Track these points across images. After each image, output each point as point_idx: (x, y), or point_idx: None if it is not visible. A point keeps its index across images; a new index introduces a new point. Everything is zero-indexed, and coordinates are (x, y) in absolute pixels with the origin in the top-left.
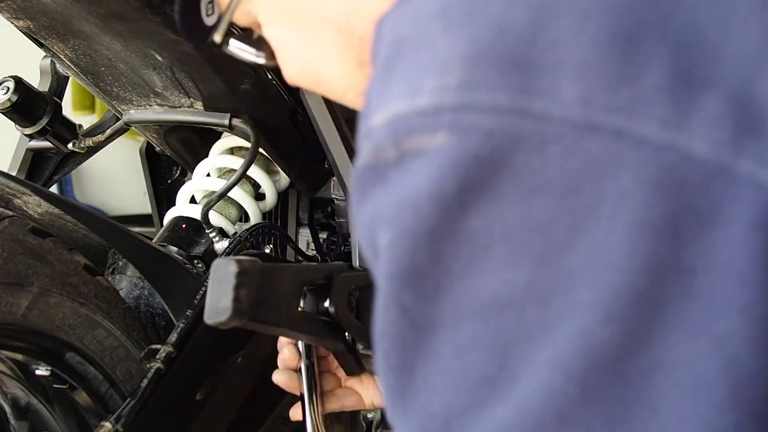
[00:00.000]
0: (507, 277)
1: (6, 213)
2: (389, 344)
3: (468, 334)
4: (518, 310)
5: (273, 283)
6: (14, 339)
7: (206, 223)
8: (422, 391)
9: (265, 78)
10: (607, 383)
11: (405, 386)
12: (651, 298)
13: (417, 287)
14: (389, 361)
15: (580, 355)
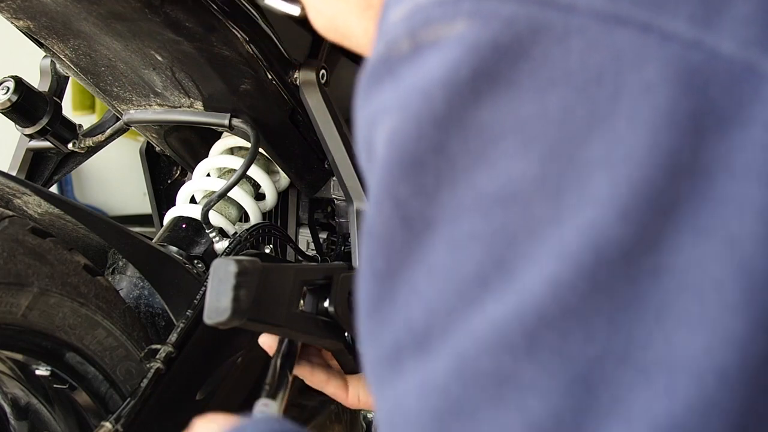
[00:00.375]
0: (516, 171)
1: (6, 213)
2: (376, 245)
3: (465, 230)
4: (525, 203)
5: (273, 283)
6: (14, 339)
7: (206, 223)
8: (404, 298)
9: (265, 78)
10: (615, 282)
11: (385, 294)
12: (667, 196)
13: (416, 179)
14: (373, 266)
15: (590, 248)
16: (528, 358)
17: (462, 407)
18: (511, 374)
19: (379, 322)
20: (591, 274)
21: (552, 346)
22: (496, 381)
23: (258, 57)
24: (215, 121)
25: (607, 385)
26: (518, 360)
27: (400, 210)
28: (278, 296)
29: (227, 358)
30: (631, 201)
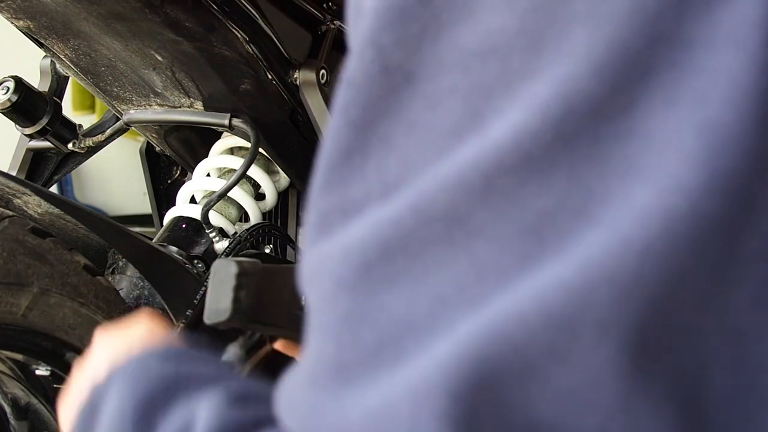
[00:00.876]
0: (496, 24)
1: (6, 213)
2: (354, 94)
3: (444, 85)
4: (503, 57)
5: (273, 284)
6: (14, 339)
7: (206, 223)
8: (379, 150)
9: (265, 78)
10: (581, 137)
11: (359, 144)
12: (644, 61)
13: (400, 28)
14: (347, 115)
15: (560, 100)
16: (481, 203)
17: (410, 242)
18: (464, 216)
19: (347, 172)
20: (556, 125)
21: (507, 192)
22: (447, 221)
23: (258, 57)
24: (215, 121)
25: (556, 235)
26: (472, 203)
27: (381, 59)
28: (279, 297)
29: None
30: (607, 58)
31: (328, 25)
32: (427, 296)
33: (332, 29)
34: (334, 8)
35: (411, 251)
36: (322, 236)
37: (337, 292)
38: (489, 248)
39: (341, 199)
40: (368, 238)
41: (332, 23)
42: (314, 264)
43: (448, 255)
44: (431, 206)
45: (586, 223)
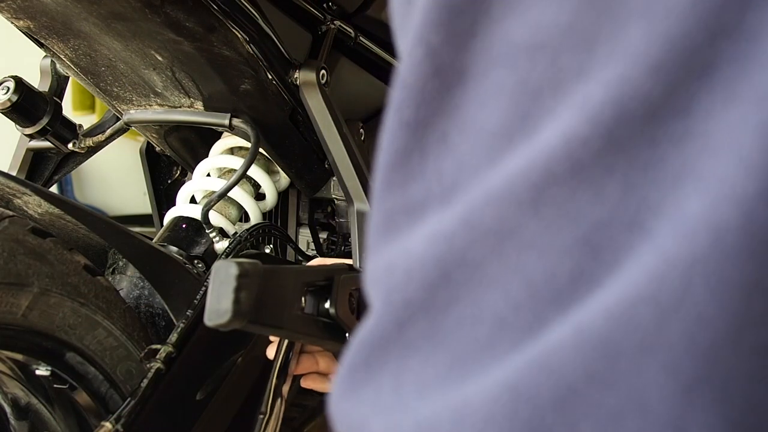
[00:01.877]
0: (547, 19)
1: (6, 213)
2: (407, 94)
3: (494, 83)
4: (553, 54)
5: (274, 285)
6: (14, 339)
7: (206, 223)
8: (435, 150)
9: (265, 78)
10: (635, 142)
11: (416, 144)
12: (704, 57)
13: (450, 26)
14: (402, 116)
15: (613, 102)
16: (532, 215)
17: (465, 257)
18: (514, 229)
19: (406, 173)
20: (608, 130)
21: (558, 204)
22: (498, 235)
23: (258, 57)
24: (215, 121)
25: (611, 249)
26: (522, 215)
27: (432, 58)
28: (279, 298)
29: (227, 358)
30: (665, 57)
31: (328, 25)
32: (487, 317)
33: (332, 29)
34: (334, 8)
35: (467, 268)
36: (388, 237)
37: (410, 312)
38: (541, 264)
39: (404, 199)
40: (426, 254)
41: (332, 23)
42: (379, 273)
43: (502, 271)
44: (481, 220)
45: (641, 238)
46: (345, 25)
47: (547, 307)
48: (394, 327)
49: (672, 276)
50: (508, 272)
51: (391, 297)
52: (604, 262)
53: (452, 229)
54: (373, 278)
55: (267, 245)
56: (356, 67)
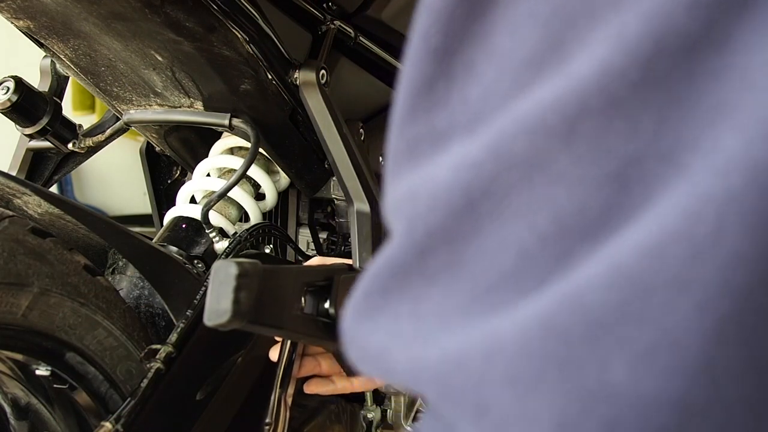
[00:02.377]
0: None
1: (6, 213)
2: (434, 20)
3: (526, 9)
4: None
5: (273, 285)
6: (14, 339)
7: (206, 223)
8: (462, 77)
9: (265, 78)
10: (672, 76)
11: (442, 72)
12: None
13: None
14: (428, 42)
15: (650, 35)
16: (564, 147)
17: (492, 186)
18: (545, 160)
19: (430, 101)
20: (646, 63)
21: (591, 137)
22: (528, 165)
23: (258, 57)
24: (215, 121)
25: (642, 184)
26: (554, 146)
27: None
28: (279, 298)
29: (227, 358)
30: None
31: (328, 25)
32: (511, 248)
33: (332, 29)
34: (334, 8)
35: (493, 198)
36: (410, 164)
37: (432, 241)
38: (571, 197)
39: (427, 127)
40: (452, 182)
41: (332, 23)
42: (401, 199)
43: (529, 202)
44: (511, 149)
45: (674, 173)
46: (345, 25)
47: (576, 240)
48: (415, 255)
49: (707, 212)
50: (535, 204)
51: (413, 225)
52: (636, 198)
53: (480, 157)
54: (393, 206)
55: (267, 245)
56: (356, 67)
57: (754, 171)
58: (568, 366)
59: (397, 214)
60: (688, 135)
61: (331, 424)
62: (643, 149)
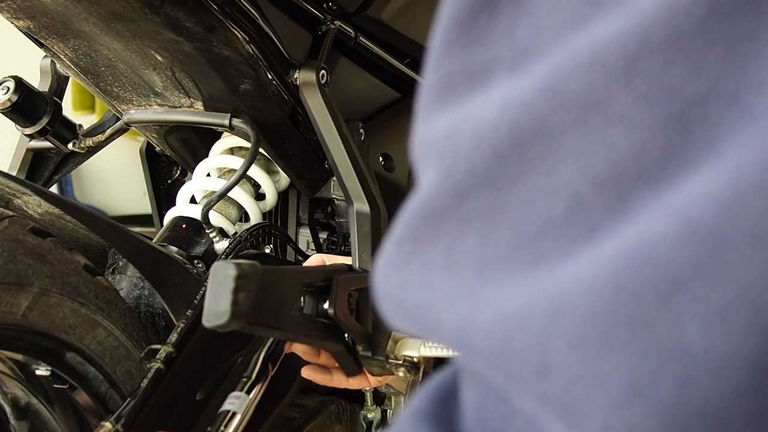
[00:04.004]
0: None
1: (6, 213)
2: None
3: None
4: None
5: (272, 286)
6: (14, 339)
7: (206, 223)
8: (507, 11)
9: (265, 78)
10: (738, 10)
11: (484, 5)
12: None
13: None
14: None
15: None
16: (623, 86)
17: (544, 126)
18: (602, 100)
19: (471, 35)
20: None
21: (653, 75)
22: (584, 104)
23: (258, 57)
24: (215, 121)
25: (706, 127)
26: (612, 85)
27: None
28: (278, 299)
29: (227, 358)
30: None
31: (328, 25)
32: (563, 192)
33: (332, 29)
34: (334, 8)
35: (545, 138)
36: (446, 102)
37: (473, 182)
38: (629, 139)
39: (466, 61)
40: (499, 121)
41: (332, 23)
42: (438, 138)
43: (583, 144)
44: (566, 87)
45: (740, 116)
46: (345, 25)
47: (634, 186)
48: (453, 197)
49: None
50: (590, 145)
51: (453, 164)
52: (700, 142)
53: (531, 96)
54: (427, 146)
55: (267, 245)
56: (356, 67)
57: None
58: (640, 325)
59: (433, 153)
60: (755, 75)
61: (331, 424)
62: (707, 90)
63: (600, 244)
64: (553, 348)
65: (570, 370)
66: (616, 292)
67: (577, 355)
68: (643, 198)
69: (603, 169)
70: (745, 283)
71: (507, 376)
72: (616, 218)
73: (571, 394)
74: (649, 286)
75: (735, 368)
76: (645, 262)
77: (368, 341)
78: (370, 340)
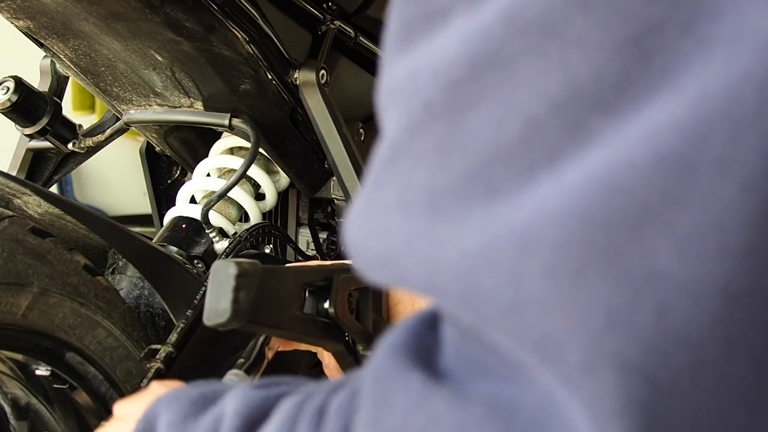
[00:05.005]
0: None
1: (6, 213)
2: None
3: None
4: None
5: (273, 285)
6: (14, 339)
7: (206, 223)
8: None
9: (265, 78)
10: None
11: None
12: None
13: None
14: None
15: None
16: (580, 9)
17: (501, 54)
18: (560, 24)
19: None
20: None
21: (608, 0)
22: (542, 28)
23: (258, 57)
24: (215, 121)
25: (662, 52)
26: (570, 9)
27: None
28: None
29: (227, 358)
30: None
31: (328, 25)
32: (517, 117)
33: (332, 29)
34: (334, 8)
35: (501, 65)
36: (406, 46)
37: (428, 116)
38: (586, 62)
39: (424, 3)
40: (457, 53)
41: (332, 23)
42: (399, 81)
43: (540, 68)
44: (524, 15)
45: (696, 45)
46: (345, 25)
47: (591, 110)
48: (405, 135)
49: (747, 92)
50: (546, 68)
51: (411, 102)
52: (657, 68)
53: (490, 25)
54: (388, 92)
55: (267, 245)
56: (356, 67)
57: None
58: (613, 253)
59: (394, 97)
60: (710, 6)
61: None
62: (663, 16)
63: (560, 173)
64: (525, 282)
65: (545, 303)
66: (586, 222)
67: (551, 288)
68: (601, 125)
69: (559, 92)
70: (715, 208)
71: (479, 315)
72: (575, 145)
73: (548, 327)
74: (619, 214)
75: (708, 294)
76: (613, 190)
77: (368, 341)
78: (371, 339)
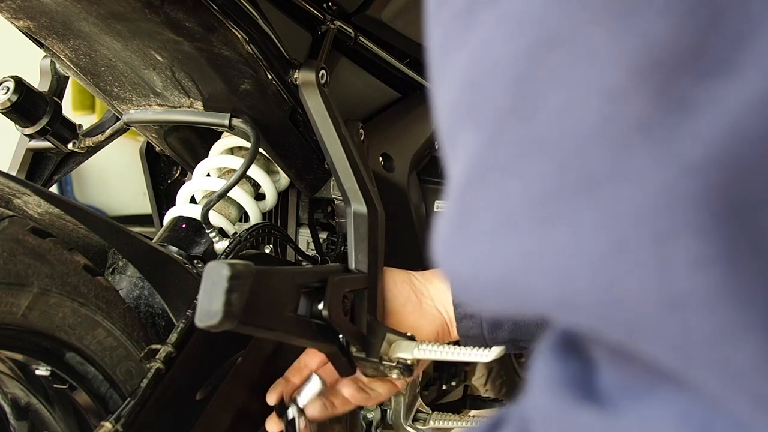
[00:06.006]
0: None
1: (6, 213)
2: None
3: None
4: None
5: (267, 286)
6: (14, 339)
7: (206, 223)
8: None
9: (265, 78)
10: None
11: None
12: None
13: None
14: None
15: None
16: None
17: (560, 34)
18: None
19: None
20: None
21: None
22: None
23: (258, 57)
24: (215, 121)
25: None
26: None
27: None
28: (272, 300)
29: (227, 358)
30: None
31: (328, 25)
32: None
33: (332, 29)
34: (334, 8)
35: (563, 46)
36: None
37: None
38: (662, 24)
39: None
40: (514, 46)
41: (332, 23)
42: (457, 94)
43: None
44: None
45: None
46: (345, 25)
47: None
48: (485, 149)
49: None
50: (618, 34)
51: (479, 115)
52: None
53: (542, 8)
54: (452, 108)
55: (267, 245)
56: (356, 67)
57: None
58: None
59: (458, 114)
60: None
61: (331, 424)
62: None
63: (665, 143)
64: (676, 276)
65: (709, 295)
66: (725, 193)
67: (712, 276)
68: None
69: (639, 58)
70: None
71: (626, 326)
72: (674, 113)
73: (718, 321)
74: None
75: None
76: (742, 140)
77: (362, 342)
78: (364, 341)
